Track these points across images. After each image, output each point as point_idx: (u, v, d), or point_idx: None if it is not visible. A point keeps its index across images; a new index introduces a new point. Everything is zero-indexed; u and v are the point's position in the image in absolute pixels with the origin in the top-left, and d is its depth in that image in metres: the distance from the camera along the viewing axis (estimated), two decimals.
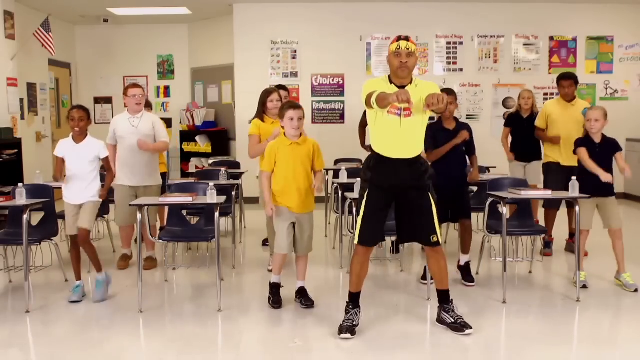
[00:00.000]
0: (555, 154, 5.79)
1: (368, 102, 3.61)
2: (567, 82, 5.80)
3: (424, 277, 4.90)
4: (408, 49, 3.66)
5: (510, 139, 6.39)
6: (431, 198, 3.82)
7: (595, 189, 4.68)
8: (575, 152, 4.82)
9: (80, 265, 4.67)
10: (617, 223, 4.79)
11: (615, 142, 4.80)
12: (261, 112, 5.33)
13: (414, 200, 3.81)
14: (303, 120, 4.30)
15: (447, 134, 4.87)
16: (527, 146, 6.17)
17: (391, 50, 3.70)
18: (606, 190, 4.74)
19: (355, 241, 3.86)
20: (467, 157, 5.05)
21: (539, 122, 5.88)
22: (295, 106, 4.29)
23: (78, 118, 4.57)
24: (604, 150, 4.74)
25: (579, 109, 5.67)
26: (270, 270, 5.26)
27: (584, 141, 4.80)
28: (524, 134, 6.13)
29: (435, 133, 4.81)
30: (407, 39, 3.70)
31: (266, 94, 5.34)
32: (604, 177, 4.58)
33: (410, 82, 3.73)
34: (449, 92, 4.83)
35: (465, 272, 4.96)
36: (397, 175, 3.75)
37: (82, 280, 4.68)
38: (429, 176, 3.84)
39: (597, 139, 4.76)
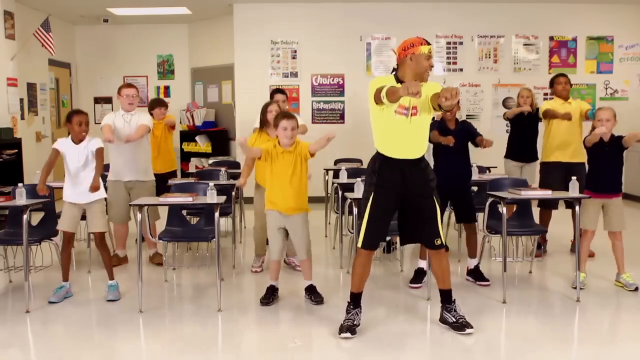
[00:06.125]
0: (555, 153, 5.79)
1: (378, 97, 3.60)
2: (564, 78, 5.89)
3: (413, 281, 4.90)
4: (431, 52, 3.76)
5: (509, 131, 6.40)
6: (436, 203, 3.83)
7: (603, 186, 4.71)
8: (585, 144, 4.80)
9: (69, 266, 4.66)
10: (619, 226, 4.78)
11: (621, 136, 4.77)
12: (262, 123, 5.36)
13: (419, 205, 3.82)
14: (296, 130, 4.41)
15: (448, 134, 4.88)
16: (525, 145, 6.17)
17: (422, 52, 3.70)
18: (613, 187, 4.75)
19: (359, 245, 3.85)
20: (473, 144, 5.04)
21: (547, 106, 5.85)
22: (289, 116, 4.41)
23: (85, 122, 4.61)
24: (613, 149, 4.72)
25: (575, 108, 5.78)
26: (253, 271, 5.36)
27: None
28: (523, 132, 6.13)
29: (439, 130, 4.87)
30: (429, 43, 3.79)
31: (265, 106, 5.37)
32: (599, 131, 4.63)
33: None
34: None
35: (477, 273, 4.97)
36: (404, 182, 3.76)
37: (68, 282, 4.69)
38: (433, 181, 3.85)
39: (606, 139, 4.73)
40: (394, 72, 3.84)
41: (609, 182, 4.75)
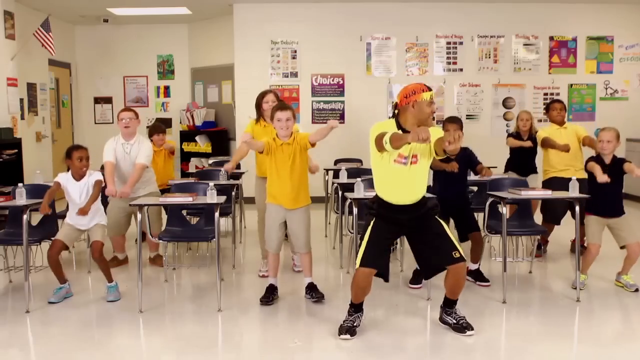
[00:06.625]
0: (556, 172, 5.80)
1: (379, 143, 3.56)
2: (559, 104, 5.95)
3: (412, 282, 4.90)
4: (432, 98, 3.70)
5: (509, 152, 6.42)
6: (441, 221, 3.82)
7: (604, 210, 4.69)
8: (586, 168, 4.77)
9: (61, 270, 4.64)
10: (632, 238, 4.69)
11: (624, 159, 4.73)
12: (258, 114, 5.33)
13: (424, 229, 3.80)
14: (292, 121, 4.39)
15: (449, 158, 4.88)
16: (524, 163, 6.22)
17: (424, 98, 3.63)
18: (615, 210, 4.72)
19: (357, 264, 3.75)
20: (472, 172, 5.11)
21: (543, 133, 5.88)
22: (283, 107, 4.40)
23: (85, 158, 4.61)
24: (614, 171, 4.66)
25: (571, 133, 5.81)
26: (261, 276, 5.23)
27: (596, 160, 4.74)
28: (522, 152, 6.17)
29: None
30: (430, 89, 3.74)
31: (261, 95, 5.32)
32: (602, 179, 4.55)
33: None
34: (454, 120, 4.92)
35: (477, 274, 4.97)
36: (402, 224, 3.79)
37: (67, 282, 4.69)
38: (434, 209, 3.84)
39: (607, 160, 4.70)
40: (393, 117, 3.80)
41: (610, 205, 4.70)
